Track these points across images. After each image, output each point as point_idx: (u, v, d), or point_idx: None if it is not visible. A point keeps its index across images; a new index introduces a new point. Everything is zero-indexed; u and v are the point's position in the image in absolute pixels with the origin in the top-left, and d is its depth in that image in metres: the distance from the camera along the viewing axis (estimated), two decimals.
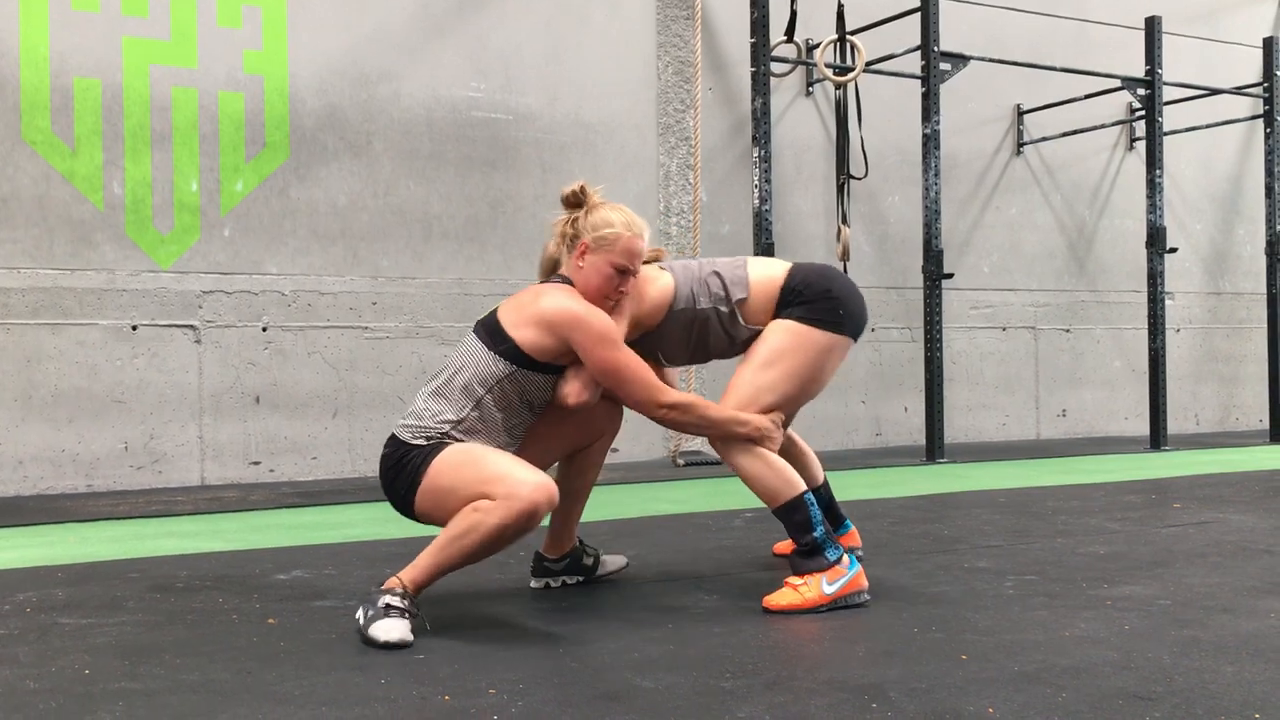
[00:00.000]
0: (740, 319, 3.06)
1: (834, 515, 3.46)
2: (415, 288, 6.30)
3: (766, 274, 3.09)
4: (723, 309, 3.05)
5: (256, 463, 5.94)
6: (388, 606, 2.56)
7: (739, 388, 3.02)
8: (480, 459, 2.69)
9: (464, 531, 2.60)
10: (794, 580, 2.91)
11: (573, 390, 2.85)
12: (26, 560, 3.70)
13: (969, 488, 5.47)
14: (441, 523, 2.73)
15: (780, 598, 2.88)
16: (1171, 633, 2.60)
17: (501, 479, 2.61)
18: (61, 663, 2.42)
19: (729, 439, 2.96)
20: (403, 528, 4.28)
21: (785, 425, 3.12)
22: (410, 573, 2.64)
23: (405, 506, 2.80)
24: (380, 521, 4.48)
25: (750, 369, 3.03)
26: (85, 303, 5.60)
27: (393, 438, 2.83)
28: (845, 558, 2.93)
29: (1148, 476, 5.89)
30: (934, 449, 6.73)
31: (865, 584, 2.94)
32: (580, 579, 3.25)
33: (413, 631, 2.57)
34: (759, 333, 3.08)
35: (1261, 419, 9.08)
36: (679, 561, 3.58)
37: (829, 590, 2.87)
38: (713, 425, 2.94)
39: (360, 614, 2.60)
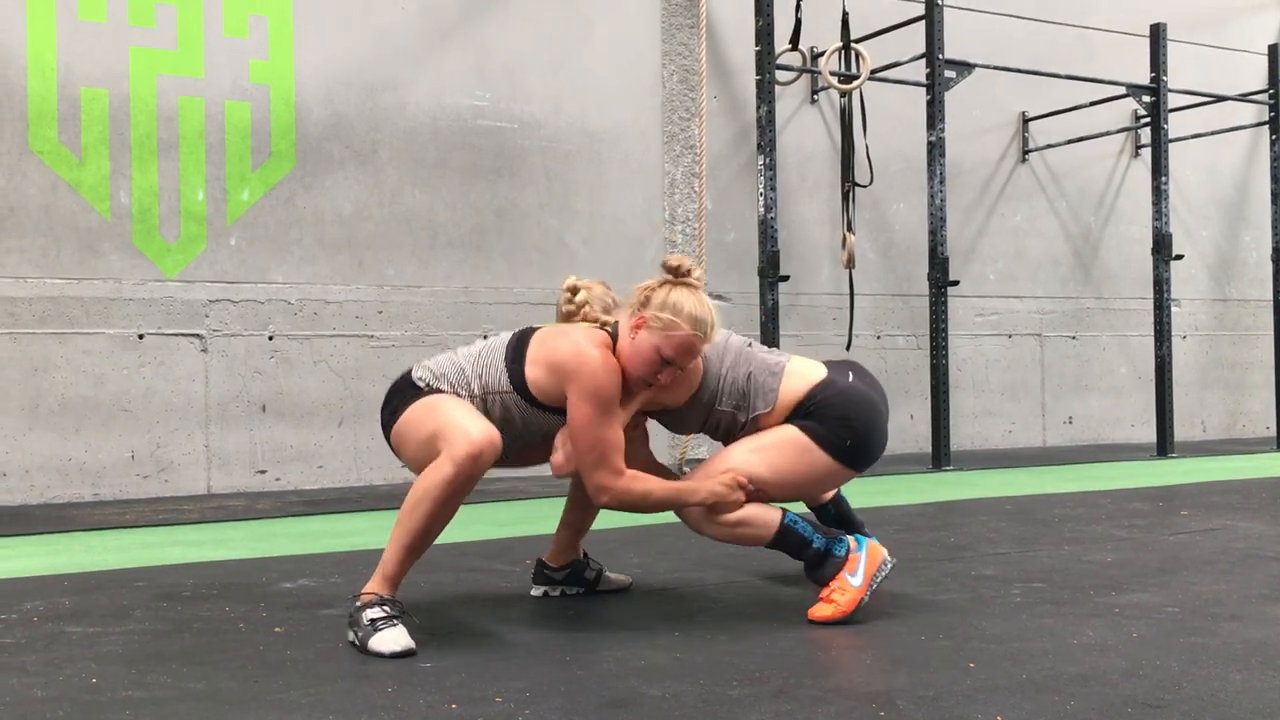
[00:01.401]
0: (755, 429, 2.98)
1: (853, 525, 3.40)
2: (421, 296, 6.30)
3: (796, 386, 2.96)
4: (740, 417, 2.97)
5: (263, 471, 5.94)
6: (373, 621, 2.55)
7: (717, 459, 2.94)
8: (438, 409, 2.70)
9: (414, 504, 2.60)
10: (825, 591, 2.86)
11: (559, 460, 2.81)
12: (33, 569, 3.71)
13: (975, 495, 5.46)
14: (406, 464, 2.83)
15: (821, 610, 2.84)
16: (1180, 640, 2.59)
17: (443, 432, 2.62)
18: (69, 671, 2.42)
19: (684, 509, 2.89)
20: None
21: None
22: (378, 575, 2.63)
23: (386, 437, 2.88)
24: (386, 530, 4.46)
25: (737, 449, 2.94)
26: (92, 312, 5.61)
27: (407, 372, 2.89)
28: (852, 541, 2.88)
29: (1155, 484, 5.88)
30: (940, 456, 6.72)
31: (884, 552, 2.89)
32: (580, 590, 3.24)
33: (411, 634, 2.55)
34: None
35: (1268, 426, 9.05)
36: (685, 569, 3.58)
37: (856, 582, 2.83)
38: (660, 504, 2.84)
39: (351, 636, 2.59)
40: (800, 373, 2.99)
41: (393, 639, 2.51)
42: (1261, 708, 2.09)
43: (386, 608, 2.58)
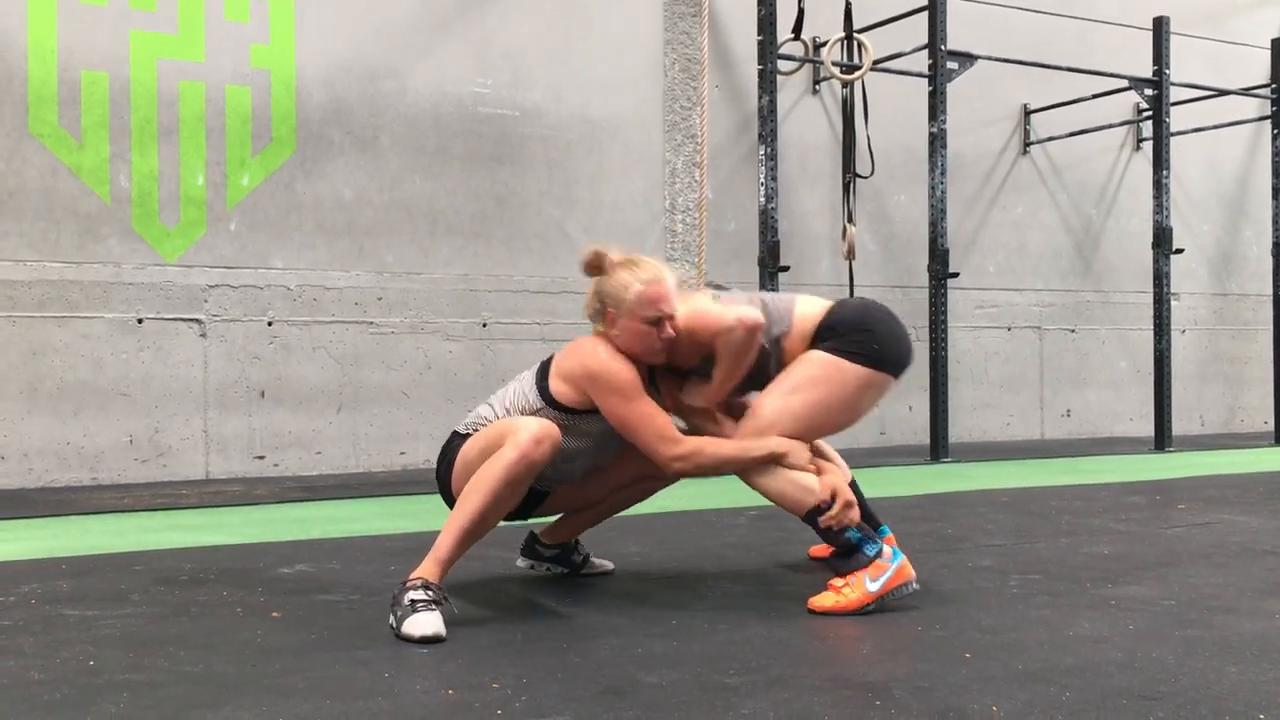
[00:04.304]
0: (780, 355, 3.01)
1: (867, 519, 3.35)
2: (420, 283, 6.30)
3: (809, 310, 3.03)
4: (764, 344, 2.99)
5: (261, 457, 5.94)
6: (413, 602, 2.56)
7: (758, 413, 2.95)
8: (491, 428, 2.81)
9: (474, 488, 2.66)
10: (836, 582, 2.85)
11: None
12: (31, 552, 3.71)
13: (973, 487, 5.46)
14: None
15: (823, 600, 2.83)
16: (1176, 633, 2.60)
17: (503, 431, 2.72)
18: (66, 654, 2.42)
19: (747, 467, 2.92)
20: (407, 522, 4.29)
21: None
22: (430, 558, 2.67)
23: (445, 490, 2.94)
24: (384, 516, 4.48)
25: (773, 395, 2.96)
26: (91, 296, 5.61)
27: (453, 433, 2.98)
28: (887, 550, 2.85)
29: (1152, 477, 5.88)
30: (938, 448, 6.73)
31: (912, 574, 2.85)
32: (565, 571, 3.28)
33: (445, 623, 2.56)
34: None
35: (1266, 421, 9.06)
36: (683, 558, 3.58)
37: (873, 587, 2.80)
38: (727, 462, 2.90)
39: (391, 618, 2.61)
40: (808, 303, 3.07)
41: (425, 624, 2.52)
42: (1257, 700, 2.09)
43: (430, 591, 2.60)
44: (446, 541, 2.67)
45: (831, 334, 2.97)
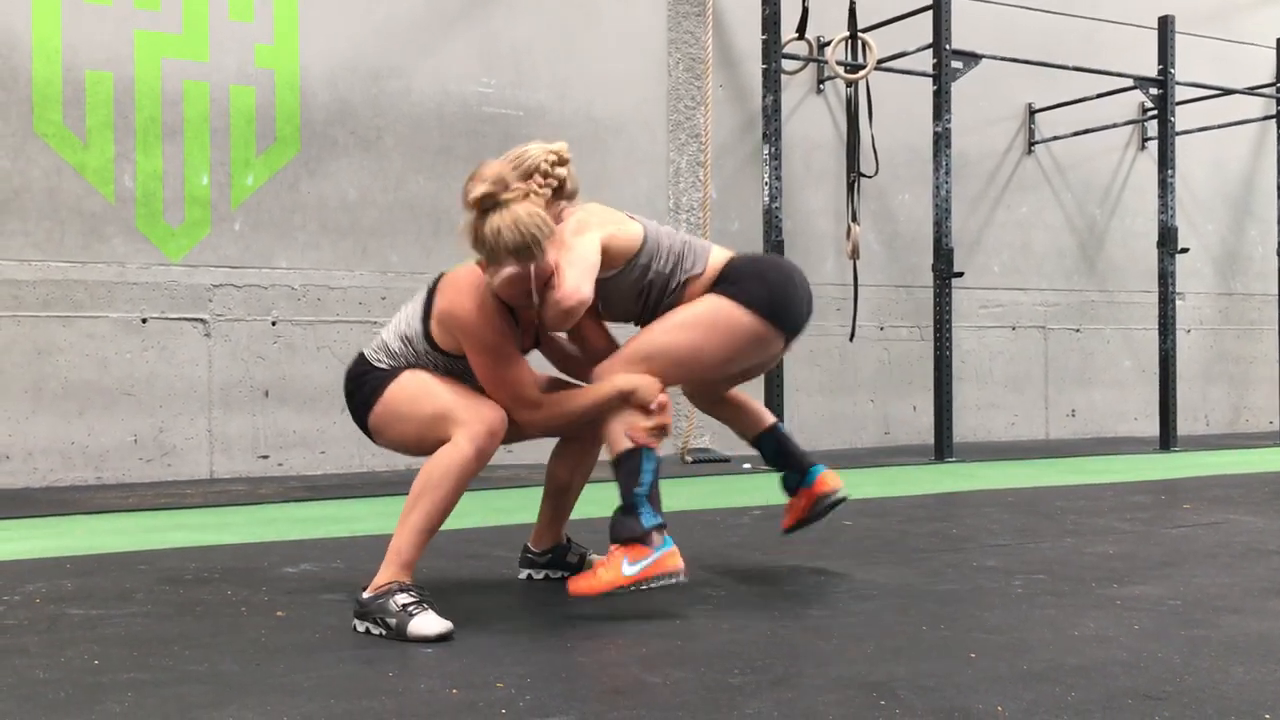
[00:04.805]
0: (682, 297, 2.93)
1: (794, 459, 3.25)
2: (424, 283, 6.29)
3: (720, 257, 2.98)
4: (673, 280, 2.92)
5: (265, 456, 5.95)
6: (404, 606, 2.53)
7: (633, 343, 2.88)
8: (430, 389, 2.74)
9: (432, 486, 2.61)
10: (601, 559, 2.76)
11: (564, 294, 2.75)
12: (36, 551, 3.71)
13: (977, 487, 5.46)
14: (390, 445, 2.85)
15: (580, 580, 2.76)
16: (1181, 633, 2.59)
17: (451, 413, 2.66)
18: (70, 653, 2.43)
19: (601, 412, 2.80)
20: None
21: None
22: (394, 562, 2.61)
23: (360, 423, 2.88)
24: (388, 515, 4.48)
25: (654, 329, 2.88)
26: (96, 295, 5.61)
27: (360, 355, 2.92)
28: (659, 535, 2.73)
29: (1157, 477, 5.87)
30: (942, 448, 6.72)
31: (677, 565, 2.73)
32: (564, 574, 3.21)
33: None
34: None
35: (1272, 420, 9.05)
36: (687, 558, 3.57)
37: (629, 571, 2.69)
38: (578, 413, 2.80)
39: (364, 626, 2.57)
40: (723, 252, 3.01)
41: (433, 623, 2.50)
42: (1263, 700, 2.09)
43: (412, 593, 2.56)
44: (408, 542, 2.62)
45: (725, 280, 2.91)
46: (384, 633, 2.54)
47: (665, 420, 2.82)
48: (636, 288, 2.94)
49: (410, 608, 2.53)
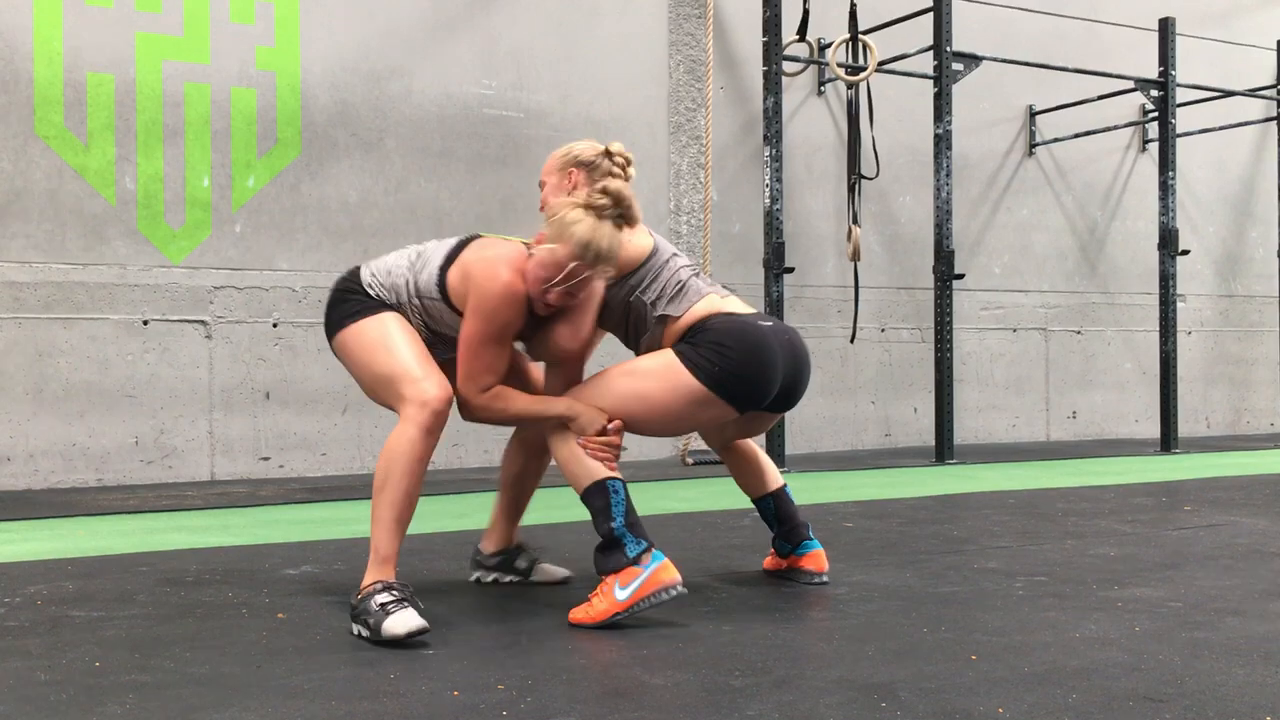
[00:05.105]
0: (658, 336, 2.90)
1: (793, 529, 3.19)
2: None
3: (702, 309, 2.88)
4: (653, 312, 2.89)
5: (266, 458, 5.95)
6: (383, 605, 2.52)
7: (592, 381, 2.86)
8: (390, 344, 2.76)
9: (387, 475, 2.63)
10: (595, 592, 2.72)
11: (562, 335, 2.81)
12: (37, 553, 3.72)
13: (978, 489, 5.46)
14: (346, 368, 2.90)
15: (577, 610, 2.72)
16: (1182, 635, 2.59)
17: (399, 381, 2.70)
18: (72, 655, 2.43)
19: (540, 424, 2.82)
20: (411, 523, 4.28)
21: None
22: (374, 562, 2.61)
23: (328, 336, 2.93)
24: None
25: (613, 370, 2.87)
26: (97, 297, 5.62)
27: (355, 270, 2.93)
28: (647, 555, 2.67)
29: (1158, 479, 5.87)
30: (943, 450, 6.72)
31: (672, 579, 2.66)
32: (513, 579, 3.20)
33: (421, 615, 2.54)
34: None
35: (1273, 422, 9.04)
36: (688, 560, 3.58)
37: (622, 595, 2.64)
38: (520, 416, 2.81)
39: (357, 630, 2.57)
40: (719, 302, 2.92)
41: (404, 621, 2.48)
42: (1263, 703, 2.09)
43: (394, 591, 2.55)
44: (383, 537, 2.62)
45: (691, 337, 2.85)
46: (367, 634, 2.53)
47: (615, 440, 2.80)
48: (623, 306, 2.93)
49: (388, 606, 2.51)
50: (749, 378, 2.81)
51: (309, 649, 2.49)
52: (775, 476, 3.24)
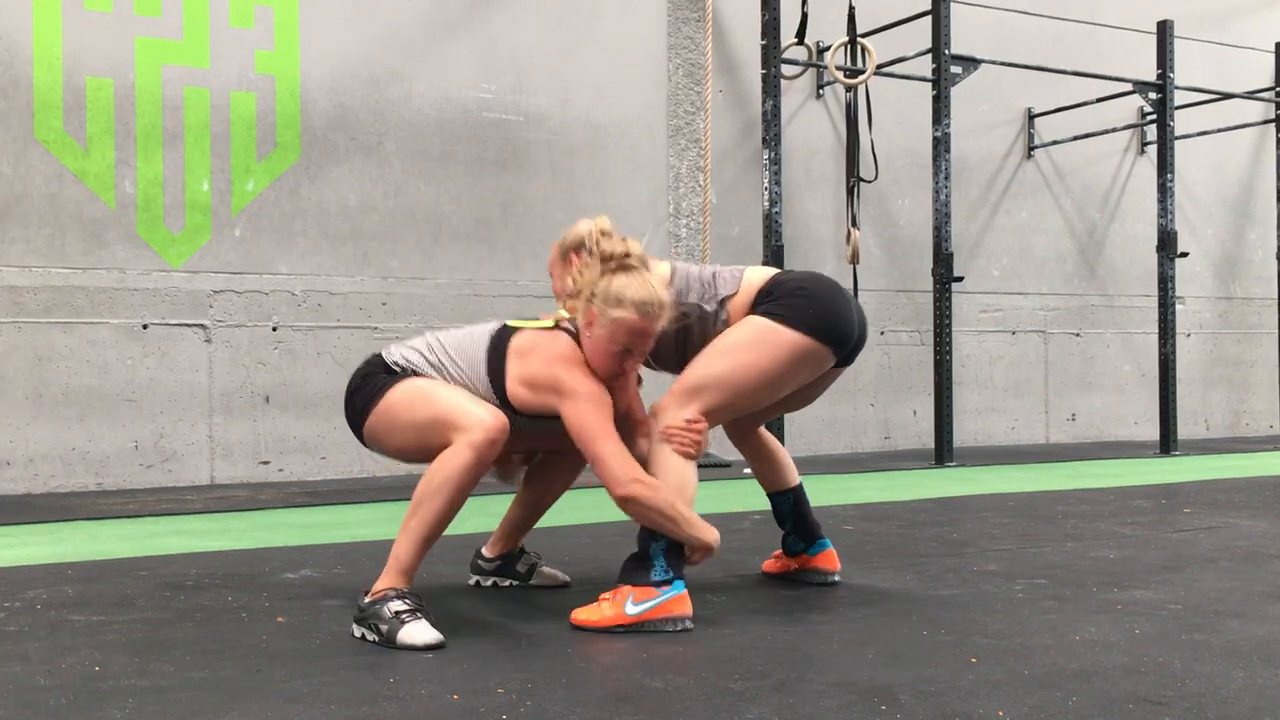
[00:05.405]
0: (724, 318, 2.87)
1: (807, 526, 3.21)
2: (425, 288, 6.30)
3: (755, 277, 2.90)
4: (708, 307, 2.86)
5: (266, 462, 5.95)
6: (398, 614, 2.51)
7: (685, 377, 2.81)
8: (432, 393, 2.68)
9: (432, 492, 2.57)
10: (607, 594, 2.72)
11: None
12: (37, 558, 3.71)
13: (978, 491, 5.46)
14: (384, 451, 2.80)
15: (581, 611, 2.71)
16: (1182, 637, 2.59)
17: (450, 417, 2.59)
18: (71, 659, 2.43)
19: (673, 531, 2.69)
20: None
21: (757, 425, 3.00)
22: (393, 569, 2.59)
23: (356, 426, 2.83)
24: (389, 521, 4.48)
25: (702, 358, 2.82)
26: (96, 301, 5.62)
27: (375, 357, 2.86)
28: (668, 584, 2.66)
29: (1157, 481, 5.87)
30: (943, 452, 6.72)
31: (684, 610, 2.65)
32: (512, 583, 3.20)
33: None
34: None
35: (1272, 424, 9.05)
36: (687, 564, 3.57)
37: (631, 611, 2.64)
38: (666, 521, 2.66)
39: (361, 632, 2.56)
40: (760, 270, 2.95)
41: (423, 631, 2.48)
42: (1263, 705, 2.09)
43: (409, 600, 2.54)
44: (407, 549, 2.59)
45: (768, 298, 2.83)
46: (376, 639, 2.53)
47: (698, 427, 2.79)
48: (673, 332, 2.85)
49: (403, 615, 2.51)
50: (839, 315, 2.84)
51: (308, 653, 2.49)
52: (795, 473, 3.25)
